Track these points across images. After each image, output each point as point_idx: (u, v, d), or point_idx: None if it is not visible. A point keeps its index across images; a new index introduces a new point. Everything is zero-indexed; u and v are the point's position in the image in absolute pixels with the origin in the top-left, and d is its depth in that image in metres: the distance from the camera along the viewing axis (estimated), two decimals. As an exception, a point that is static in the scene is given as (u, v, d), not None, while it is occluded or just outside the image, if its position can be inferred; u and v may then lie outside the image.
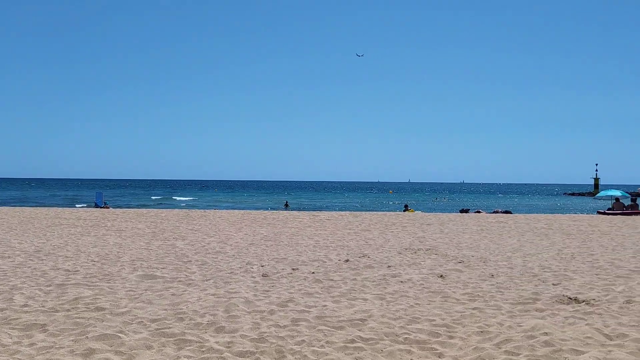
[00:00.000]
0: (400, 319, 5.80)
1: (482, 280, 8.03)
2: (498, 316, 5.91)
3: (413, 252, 11.13)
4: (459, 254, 10.93)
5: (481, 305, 6.41)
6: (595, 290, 7.34)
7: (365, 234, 14.69)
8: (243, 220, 18.74)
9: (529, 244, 12.78)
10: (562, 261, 10.01)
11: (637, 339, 5.02)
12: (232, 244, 12.16)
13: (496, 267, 9.25)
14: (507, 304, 6.51)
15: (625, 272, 8.78)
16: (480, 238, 13.92)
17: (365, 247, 11.90)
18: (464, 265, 9.41)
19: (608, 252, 11.30)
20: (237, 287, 7.42)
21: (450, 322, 5.65)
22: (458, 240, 13.28)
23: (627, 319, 5.77)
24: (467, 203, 56.46)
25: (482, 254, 10.96)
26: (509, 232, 15.48)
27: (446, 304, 6.53)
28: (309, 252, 11.01)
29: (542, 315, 5.94)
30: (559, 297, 6.84)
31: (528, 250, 11.62)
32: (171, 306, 6.27)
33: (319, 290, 7.28)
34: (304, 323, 5.59)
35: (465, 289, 7.41)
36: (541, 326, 5.44)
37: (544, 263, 9.75)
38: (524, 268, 9.19)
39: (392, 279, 8.07)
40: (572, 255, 10.76)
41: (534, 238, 14.03)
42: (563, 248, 11.99)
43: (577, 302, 6.56)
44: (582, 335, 5.14)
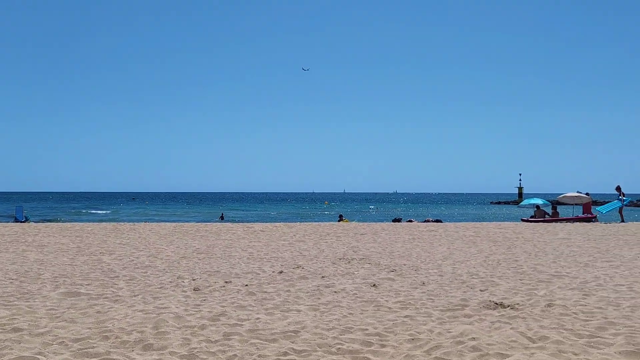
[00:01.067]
0: (334, 329, 5.80)
1: (413, 288, 8.18)
2: (428, 323, 6.03)
3: (347, 262, 11.21)
4: (391, 262, 11.11)
5: (412, 313, 6.52)
6: (520, 295, 7.65)
7: (299, 244, 14.67)
8: (174, 233, 18.27)
9: (458, 251, 13.18)
10: (489, 267, 10.37)
11: (557, 340, 5.25)
12: (162, 258, 11.81)
13: (427, 275, 9.46)
14: (437, 310, 6.66)
15: (546, 277, 9.20)
16: (412, 247, 14.22)
17: (299, 258, 11.87)
18: (397, 274, 9.57)
19: (531, 258, 11.83)
20: (167, 302, 7.19)
21: (383, 331, 5.70)
22: (391, 249, 13.51)
23: (548, 321, 6.04)
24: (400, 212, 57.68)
25: (414, 262, 11.19)
26: (440, 241, 15.91)
27: (379, 312, 6.60)
28: (242, 264, 10.86)
29: (470, 321, 6.11)
30: (486, 302, 7.07)
31: (457, 257, 11.98)
32: (96, 324, 5.99)
33: (252, 302, 7.17)
34: (236, 337, 5.48)
35: (398, 297, 7.52)
36: (469, 331, 5.59)
37: (472, 270, 10.06)
38: (453, 275, 9.45)
39: (326, 290, 8.08)
40: (498, 262, 11.18)
41: (462, 246, 14.49)
42: (490, 255, 12.44)
43: (502, 307, 6.80)
44: (507, 339, 5.32)
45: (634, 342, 5.18)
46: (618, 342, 5.17)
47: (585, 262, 11.11)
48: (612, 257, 11.94)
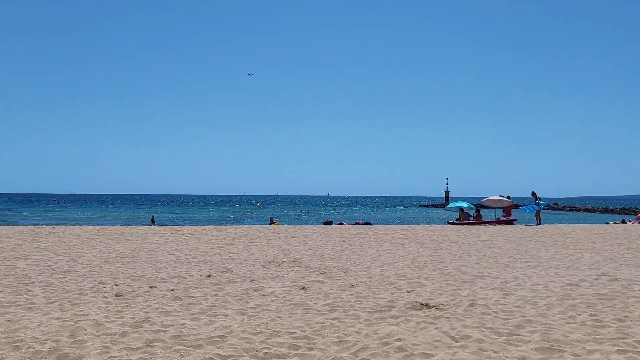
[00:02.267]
0: (261, 333, 5.71)
1: (342, 291, 8.22)
2: (356, 325, 6.06)
3: (277, 265, 11.13)
4: (321, 265, 11.13)
5: (341, 315, 6.54)
6: (444, 295, 7.85)
7: (229, 248, 14.43)
8: (97, 236, 17.51)
9: (387, 253, 13.40)
10: (416, 269, 10.60)
11: (478, 339, 5.42)
12: (83, 263, 11.26)
13: (356, 277, 9.54)
14: (365, 312, 6.71)
15: (469, 278, 9.51)
16: (342, 249, 14.33)
17: (228, 261, 11.67)
18: (326, 277, 9.59)
19: (456, 259, 12.20)
20: (87, 309, 6.84)
21: (311, 334, 5.67)
22: (321, 252, 13.55)
23: (470, 321, 6.22)
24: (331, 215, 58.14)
25: (344, 264, 11.27)
26: (369, 243, 16.13)
27: (307, 315, 6.57)
28: (169, 268, 10.54)
29: (396, 322, 6.20)
30: (412, 303, 7.21)
31: (386, 259, 12.17)
32: (6, 334, 5.60)
33: (177, 308, 6.95)
34: (159, 344, 5.28)
35: (326, 299, 7.53)
36: (395, 332, 5.67)
37: (400, 271, 10.25)
38: (381, 277, 9.58)
39: (254, 293, 7.97)
40: (425, 263, 11.45)
41: (391, 248, 14.75)
42: (417, 257, 12.73)
43: (428, 308, 6.95)
44: (431, 339, 5.43)
45: (548, 338, 5.43)
46: (534, 339, 5.40)
47: (505, 263, 11.59)
48: (530, 258, 12.53)
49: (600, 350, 5.03)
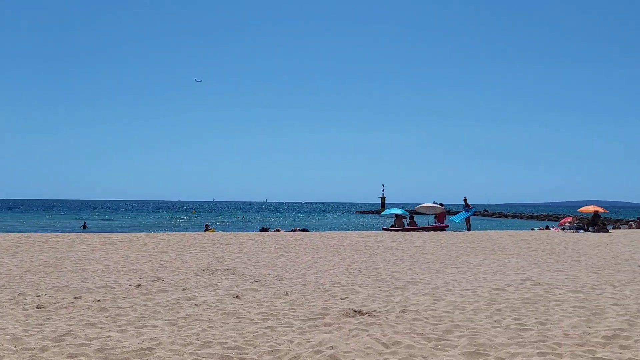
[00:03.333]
0: (191, 344, 5.57)
1: (276, 299, 8.16)
2: (289, 334, 6.03)
3: (211, 273, 10.93)
4: (256, 272, 11.02)
5: (274, 324, 6.49)
6: (377, 302, 7.95)
7: (161, 255, 14.04)
8: (19, 244, 16.59)
9: (322, 260, 13.45)
10: (351, 276, 10.69)
11: (409, 345, 5.51)
12: (2, 273, 10.63)
13: (291, 285, 9.51)
14: (298, 320, 6.69)
15: (402, 284, 9.68)
16: (277, 256, 14.26)
17: (160, 270, 11.34)
18: (261, 284, 9.50)
19: (389, 266, 12.40)
20: (4, 322, 6.45)
21: (243, 344, 5.59)
22: (256, 259, 13.42)
23: (402, 327, 6.32)
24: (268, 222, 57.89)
25: (279, 272, 11.21)
26: (305, 250, 16.14)
27: (240, 324, 6.47)
28: (96, 278, 10.12)
29: (329, 330, 6.21)
30: (345, 310, 7.25)
31: (321, 266, 12.21)
32: None
33: (103, 319, 6.67)
34: (82, 358, 5.05)
35: (260, 308, 7.45)
36: (328, 340, 5.67)
37: (335, 278, 10.30)
38: (316, 284, 9.59)
39: (186, 303, 7.78)
40: (360, 270, 11.57)
41: (327, 254, 14.82)
42: (352, 263, 12.85)
43: (361, 315, 7.01)
44: (363, 346, 5.48)
45: (475, 342, 5.59)
46: (462, 344, 5.55)
47: (437, 269, 11.89)
48: (460, 264, 12.92)
49: (523, 353, 5.23)
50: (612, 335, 5.90)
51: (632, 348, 5.45)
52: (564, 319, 6.79)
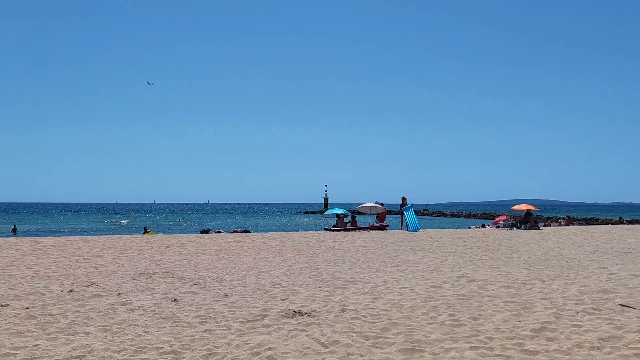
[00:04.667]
0: (125, 350, 5.41)
1: (215, 301, 8.05)
2: (227, 336, 5.96)
3: (148, 276, 10.65)
4: (195, 275, 10.83)
5: (212, 327, 6.40)
6: (317, 302, 7.98)
7: (96, 260, 13.57)
8: (-58, 250, 15.62)
9: (263, 261, 13.38)
10: (292, 276, 10.69)
11: (347, 344, 5.56)
12: None
13: (231, 287, 9.40)
14: (237, 322, 6.62)
15: (342, 283, 9.77)
16: (218, 258, 14.07)
17: (95, 274, 10.95)
18: (200, 287, 9.35)
19: (331, 265, 12.49)
20: None
21: (179, 348, 5.48)
22: (196, 262, 13.19)
23: (340, 326, 6.38)
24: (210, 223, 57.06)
25: (219, 274, 11.06)
26: (246, 251, 16.01)
27: (177, 328, 6.34)
28: (25, 284, 9.65)
29: (268, 331, 6.19)
30: (285, 311, 7.24)
31: (262, 267, 12.14)
32: None
33: (31, 327, 6.38)
34: (7, 369, 4.80)
35: (198, 311, 7.33)
36: (266, 342, 5.65)
37: (276, 279, 10.27)
38: (256, 285, 9.53)
39: (121, 308, 7.54)
40: (301, 270, 11.59)
41: (268, 255, 14.76)
42: (293, 264, 12.85)
43: (300, 315, 7.02)
44: (302, 346, 5.49)
45: (411, 339, 5.72)
46: (398, 341, 5.66)
47: (377, 268, 12.07)
48: (399, 262, 13.16)
49: (456, 348, 5.39)
50: (539, 328, 6.17)
51: (557, 340, 5.72)
52: (496, 313, 7.05)
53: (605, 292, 8.73)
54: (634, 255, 14.94)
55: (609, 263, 12.93)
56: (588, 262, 13.11)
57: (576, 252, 15.94)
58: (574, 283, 9.71)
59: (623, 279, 10.23)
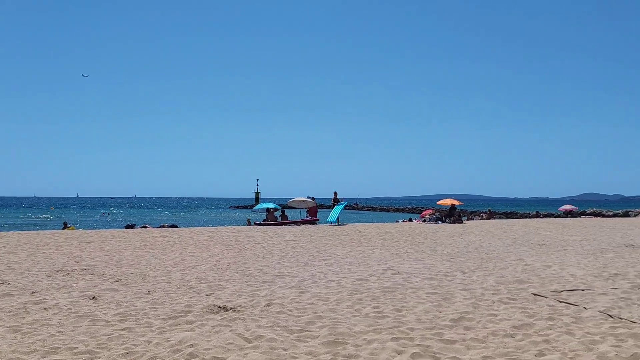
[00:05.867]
0: (36, 352, 5.12)
1: (137, 298, 7.78)
2: (147, 334, 5.77)
3: (66, 273, 10.15)
4: (117, 272, 10.44)
5: (132, 325, 6.17)
6: (243, 297, 7.89)
7: (9, 256, 12.79)
8: None
9: (190, 257, 13.09)
10: (218, 272, 10.52)
11: (271, 338, 5.53)
12: None
13: (154, 283, 9.13)
14: (158, 320, 6.43)
15: (270, 278, 9.72)
16: (142, 254, 13.64)
17: (7, 272, 10.32)
18: (121, 284, 9.01)
19: (259, 260, 12.40)
20: None
21: (95, 347, 5.25)
22: (119, 258, 12.72)
23: (265, 321, 6.33)
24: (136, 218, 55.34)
25: (142, 270, 10.72)
26: (173, 246, 15.62)
27: (94, 327, 6.07)
28: None
29: (191, 327, 6.05)
30: (210, 307, 7.11)
31: (188, 263, 11.88)
32: None
33: None
34: None
35: (118, 309, 7.06)
36: (188, 338, 5.52)
37: (202, 275, 10.07)
38: (181, 281, 9.31)
39: (34, 307, 7.14)
40: (228, 265, 11.43)
41: (195, 251, 14.46)
42: (221, 259, 12.65)
43: (225, 310, 6.91)
44: (224, 342, 5.40)
45: (335, 332, 5.76)
46: (323, 334, 5.68)
47: (305, 262, 12.10)
48: (328, 256, 13.26)
49: (378, 340, 5.48)
50: (458, 318, 6.39)
51: (474, 328, 5.94)
52: (418, 305, 7.24)
53: (520, 282, 9.17)
54: (548, 247, 15.81)
55: (525, 255, 13.61)
56: (506, 254, 13.74)
57: (496, 244, 16.66)
58: (492, 274, 10.14)
59: (537, 269, 10.79)
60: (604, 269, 10.75)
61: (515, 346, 5.24)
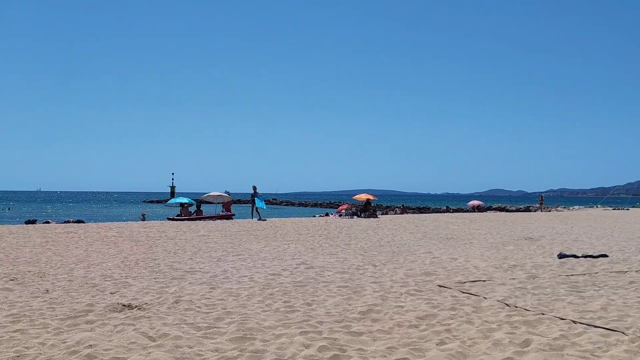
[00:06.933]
0: None
1: (34, 298, 7.30)
2: (42, 335, 5.42)
3: (-47, 273, 9.35)
4: (13, 270, 9.76)
5: (25, 327, 5.77)
6: (150, 294, 7.62)
7: None
8: None
9: (96, 253, 12.49)
10: (126, 268, 10.10)
11: (176, 336, 5.36)
12: None
13: (54, 281, 8.61)
14: (56, 320, 6.06)
15: (180, 274, 9.45)
16: (43, 251, 12.84)
17: None
18: (17, 283, 8.43)
19: (170, 256, 12.04)
20: None
21: (-19, 352, 4.85)
22: (16, 255, 11.91)
23: (172, 318, 6.14)
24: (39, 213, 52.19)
25: (42, 268, 10.08)
26: (77, 243, 14.84)
27: (-19, 331, 5.62)
28: None
29: (91, 327, 5.75)
30: (113, 305, 6.80)
31: (94, 260, 11.32)
32: None
33: None
34: None
35: (11, 310, 6.58)
36: (87, 339, 5.23)
37: (107, 272, 9.63)
38: (84, 279, 8.85)
39: None
40: (137, 262, 11.01)
41: (102, 247, 13.82)
42: (129, 255, 12.17)
43: (130, 309, 6.63)
44: (127, 341, 5.17)
45: (244, 328, 5.68)
46: (231, 330, 5.59)
47: (218, 257, 11.89)
48: (242, 251, 13.12)
49: (287, 334, 5.46)
50: (366, 310, 6.50)
51: (381, 320, 6.07)
52: (329, 298, 7.30)
53: (428, 274, 9.50)
54: (455, 240, 16.53)
55: (433, 248, 14.14)
56: (416, 247, 14.22)
57: (407, 238, 17.21)
58: (402, 267, 10.44)
59: (444, 262, 11.24)
60: (504, 261, 11.39)
61: (419, 336, 5.40)
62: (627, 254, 12.61)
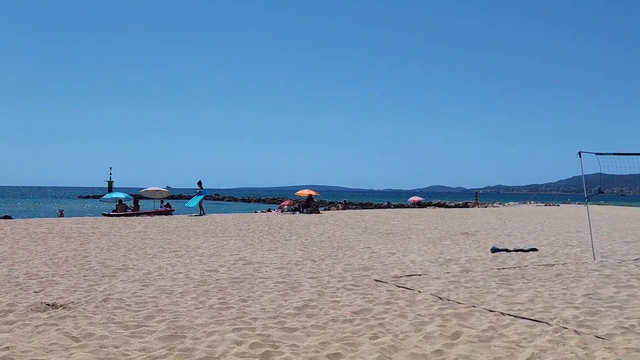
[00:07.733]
0: None
1: (-52, 298, 6.83)
2: (-46, 339, 5.05)
3: None
4: None
5: (-64, 329, 5.38)
6: (78, 292, 7.29)
7: None
8: None
9: (22, 250, 11.88)
10: (54, 266, 9.65)
11: (102, 336, 5.13)
12: None
13: (-27, 281, 8.11)
14: (-29, 322, 5.68)
15: (112, 271, 9.11)
16: (-36, 248, 12.10)
17: None
18: None
19: (102, 253, 11.60)
20: None
21: None
22: None
23: (99, 317, 5.88)
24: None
25: (-39, 266, 9.48)
26: (2, 240, 14.06)
27: None
28: None
29: (10, 328, 5.42)
30: (36, 305, 6.45)
31: (19, 257, 10.76)
32: None
33: None
34: None
35: None
36: (4, 340, 4.93)
37: (33, 270, 9.16)
38: (7, 277, 8.38)
39: None
40: (66, 259, 10.54)
41: (30, 244, 13.17)
42: (59, 252, 11.65)
43: (54, 308, 6.32)
44: (48, 342, 4.90)
45: (174, 326, 5.51)
46: (160, 329, 5.40)
47: (154, 254, 11.56)
48: (179, 248, 12.81)
49: (219, 331, 5.34)
50: (302, 306, 6.46)
51: (316, 316, 6.04)
52: (265, 294, 7.21)
53: (365, 269, 9.57)
54: (394, 235, 16.79)
55: (373, 243, 14.30)
56: (356, 242, 14.33)
57: (348, 233, 17.33)
58: (340, 262, 10.47)
59: (382, 256, 11.37)
60: (440, 255, 11.64)
61: (352, 331, 5.41)
62: (555, 248, 13.17)
